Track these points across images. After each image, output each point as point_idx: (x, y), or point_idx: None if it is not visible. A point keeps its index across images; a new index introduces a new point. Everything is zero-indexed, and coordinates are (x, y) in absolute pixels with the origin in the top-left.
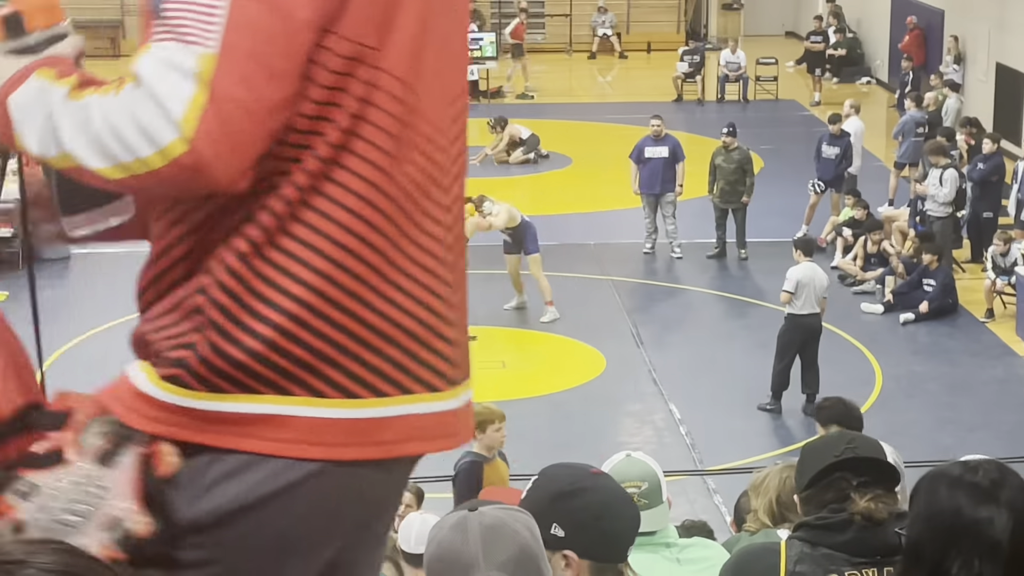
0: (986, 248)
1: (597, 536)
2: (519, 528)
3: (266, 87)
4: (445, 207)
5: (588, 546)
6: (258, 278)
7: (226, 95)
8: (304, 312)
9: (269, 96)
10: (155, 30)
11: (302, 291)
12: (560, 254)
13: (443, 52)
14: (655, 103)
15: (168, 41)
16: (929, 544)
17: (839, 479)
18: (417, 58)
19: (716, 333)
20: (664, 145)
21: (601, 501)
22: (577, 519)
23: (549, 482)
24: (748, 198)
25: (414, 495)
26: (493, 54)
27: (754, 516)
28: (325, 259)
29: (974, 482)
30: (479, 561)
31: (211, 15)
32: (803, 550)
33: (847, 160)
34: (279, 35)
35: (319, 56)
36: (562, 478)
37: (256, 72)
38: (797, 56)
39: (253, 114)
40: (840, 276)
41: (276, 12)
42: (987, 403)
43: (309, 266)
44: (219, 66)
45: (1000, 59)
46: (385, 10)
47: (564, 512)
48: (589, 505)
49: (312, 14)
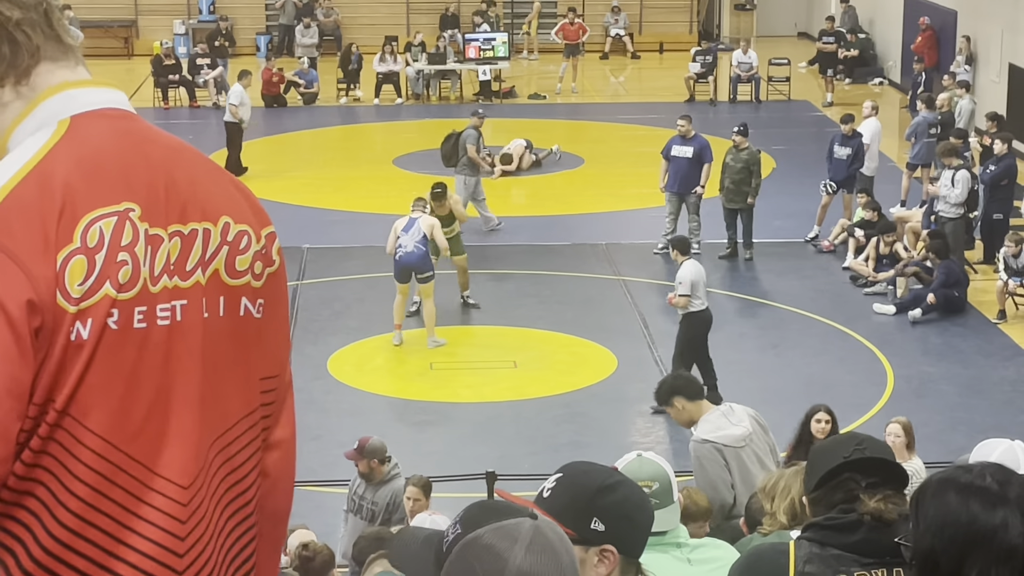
0: (998, 250)
1: (634, 530)
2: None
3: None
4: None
5: (625, 540)
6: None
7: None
8: None
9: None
10: None
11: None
12: (572, 254)
13: (167, 401)
14: (667, 103)
15: None
16: (944, 554)
17: (848, 480)
18: (124, 415)
19: (728, 333)
20: (690, 145)
21: (638, 495)
22: (618, 513)
23: (585, 477)
24: (753, 199)
25: (421, 488)
26: (505, 54)
27: (771, 518)
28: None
29: (983, 487)
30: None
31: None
32: (812, 550)
33: (859, 161)
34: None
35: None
36: (598, 474)
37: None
38: (809, 57)
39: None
40: (852, 277)
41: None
42: (999, 404)
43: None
44: None
45: (1013, 60)
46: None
47: (606, 506)
48: (629, 499)
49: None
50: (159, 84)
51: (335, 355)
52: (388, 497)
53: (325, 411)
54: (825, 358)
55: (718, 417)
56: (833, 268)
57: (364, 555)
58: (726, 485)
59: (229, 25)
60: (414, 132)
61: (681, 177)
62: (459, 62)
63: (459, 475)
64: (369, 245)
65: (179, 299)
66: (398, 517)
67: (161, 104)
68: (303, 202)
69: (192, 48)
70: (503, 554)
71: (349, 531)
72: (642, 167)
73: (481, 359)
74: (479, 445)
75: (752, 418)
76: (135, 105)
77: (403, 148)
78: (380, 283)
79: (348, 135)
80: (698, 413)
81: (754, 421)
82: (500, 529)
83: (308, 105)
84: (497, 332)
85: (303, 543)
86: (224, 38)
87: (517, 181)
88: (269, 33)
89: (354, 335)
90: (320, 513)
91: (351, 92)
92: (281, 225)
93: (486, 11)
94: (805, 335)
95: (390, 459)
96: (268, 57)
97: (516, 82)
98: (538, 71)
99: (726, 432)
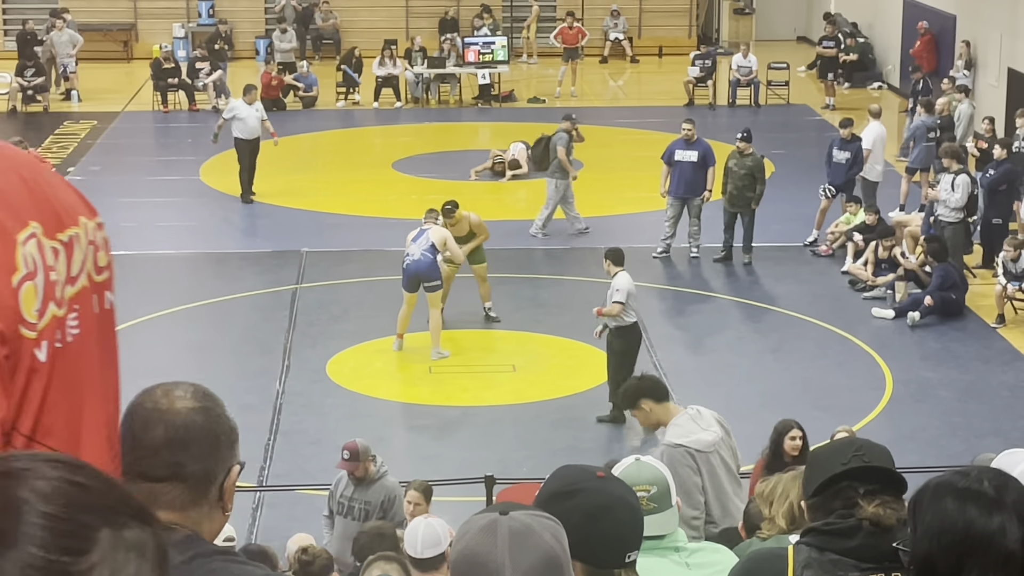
0: (997, 254)
1: (588, 539)
2: (547, 536)
3: None
4: None
5: (579, 548)
6: None
7: None
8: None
9: None
10: None
11: None
12: (571, 258)
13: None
14: (666, 107)
15: None
16: (941, 559)
17: (846, 488)
18: (73, 430)
19: (726, 337)
20: (694, 150)
21: (598, 504)
22: (569, 520)
23: (551, 481)
24: (756, 205)
25: (421, 493)
26: (505, 58)
27: (770, 523)
28: None
29: (981, 491)
30: (505, 566)
31: None
32: (811, 555)
33: (857, 165)
34: None
35: None
36: (563, 478)
37: None
38: (809, 61)
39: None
40: (851, 281)
41: None
42: (997, 409)
43: None
44: None
45: (1012, 64)
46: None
47: (556, 512)
48: (582, 506)
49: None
50: (158, 88)
51: (334, 359)
52: (381, 496)
53: (324, 415)
54: (824, 362)
55: (687, 421)
56: (832, 272)
57: (366, 552)
58: (699, 490)
59: (228, 29)
60: (413, 136)
61: (685, 182)
62: (458, 66)
63: (458, 479)
64: (367, 249)
65: (78, 306)
66: (393, 516)
67: (160, 108)
68: (301, 205)
69: (191, 52)
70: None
71: (338, 534)
72: (641, 171)
73: (480, 363)
74: (478, 449)
75: (718, 422)
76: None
77: (402, 152)
78: (379, 287)
79: (347, 139)
80: (666, 416)
81: (719, 425)
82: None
83: (307, 109)
84: (496, 336)
85: (302, 547)
86: (223, 42)
87: (515, 186)
88: (268, 37)
89: (353, 339)
90: (319, 517)
91: (350, 96)
92: (279, 228)
93: (484, 16)
94: (804, 339)
95: (375, 457)
96: (267, 61)
97: (515, 86)
98: (537, 75)
99: (698, 437)
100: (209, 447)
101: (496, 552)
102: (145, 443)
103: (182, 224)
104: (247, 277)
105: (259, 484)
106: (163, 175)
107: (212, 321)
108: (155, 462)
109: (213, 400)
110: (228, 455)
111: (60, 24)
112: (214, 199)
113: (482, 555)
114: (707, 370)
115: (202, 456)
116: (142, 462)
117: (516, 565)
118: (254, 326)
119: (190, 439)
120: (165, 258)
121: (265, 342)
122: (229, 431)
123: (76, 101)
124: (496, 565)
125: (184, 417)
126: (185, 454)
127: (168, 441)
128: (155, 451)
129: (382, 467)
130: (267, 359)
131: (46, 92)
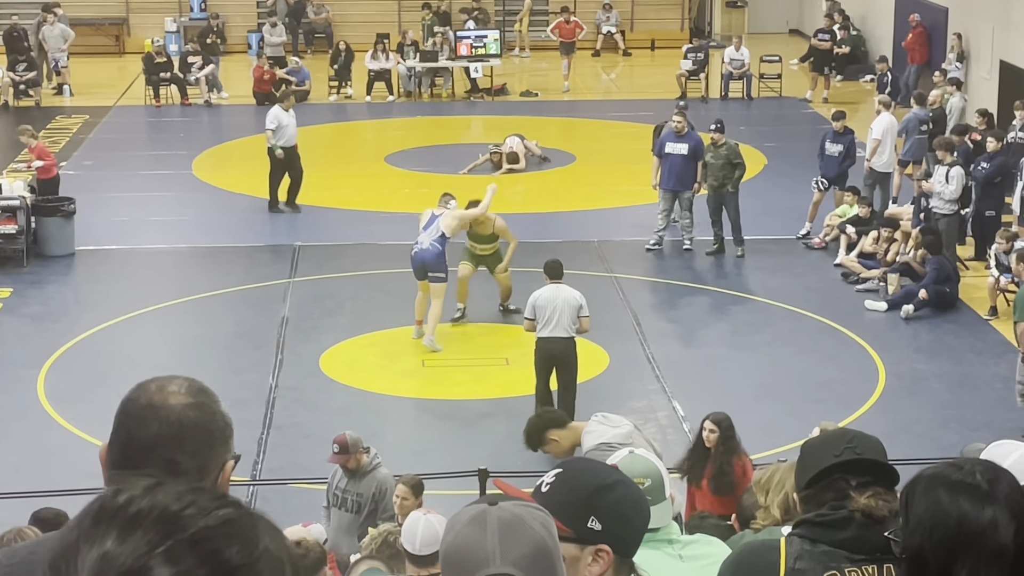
0: (990, 246)
1: (630, 531)
2: (536, 526)
3: None
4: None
5: (621, 541)
6: None
7: None
8: None
9: None
10: None
11: None
12: (564, 251)
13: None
14: (659, 100)
15: None
16: (933, 552)
17: (839, 479)
18: None
19: (719, 330)
20: (684, 142)
21: (635, 495)
22: (615, 513)
23: (584, 475)
24: (734, 188)
25: (410, 488)
26: (497, 51)
27: (765, 512)
28: None
29: (973, 484)
30: (495, 556)
31: None
32: (803, 547)
33: (850, 158)
34: None
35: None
36: (597, 472)
37: None
38: (801, 53)
39: None
40: (844, 274)
41: None
42: (990, 401)
43: None
44: None
45: (1004, 57)
46: None
47: (603, 506)
48: (626, 499)
49: None
50: (150, 82)
51: (327, 353)
52: (373, 488)
53: (317, 409)
54: (817, 355)
55: (597, 426)
56: (825, 265)
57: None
58: None
59: (220, 23)
60: (406, 130)
61: (676, 174)
62: (451, 60)
63: (451, 472)
64: (360, 242)
65: None
66: (384, 508)
67: (153, 102)
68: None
69: (183, 46)
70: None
71: (333, 526)
72: (633, 164)
73: (473, 356)
74: (471, 442)
75: (627, 421)
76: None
77: (395, 146)
78: (372, 280)
79: (340, 133)
80: (576, 434)
81: (629, 422)
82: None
83: (299, 103)
84: (489, 329)
85: (296, 541)
86: (215, 35)
87: (510, 179)
88: (260, 31)
89: (346, 332)
90: (312, 511)
91: (342, 90)
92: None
93: (479, 8)
94: (797, 332)
95: (369, 449)
96: (259, 55)
97: (508, 79)
98: (530, 68)
99: (613, 434)
100: (204, 443)
101: (486, 543)
102: (139, 439)
103: (175, 218)
104: (240, 271)
105: (252, 478)
106: (155, 169)
107: (205, 315)
108: (149, 458)
109: (207, 395)
110: (223, 450)
111: (51, 18)
112: (207, 193)
113: (472, 546)
114: (700, 363)
115: (197, 452)
116: (136, 458)
117: (506, 555)
118: (247, 320)
119: (184, 435)
120: (157, 252)
121: (258, 336)
122: (224, 426)
123: (68, 96)
124: (486, 555)
125: (178, 413)
126: (179, 450)
127: (162, 437)
128: (149, 447)
129: (375, 458)
130: (260, 353)
131: (38, 87)
